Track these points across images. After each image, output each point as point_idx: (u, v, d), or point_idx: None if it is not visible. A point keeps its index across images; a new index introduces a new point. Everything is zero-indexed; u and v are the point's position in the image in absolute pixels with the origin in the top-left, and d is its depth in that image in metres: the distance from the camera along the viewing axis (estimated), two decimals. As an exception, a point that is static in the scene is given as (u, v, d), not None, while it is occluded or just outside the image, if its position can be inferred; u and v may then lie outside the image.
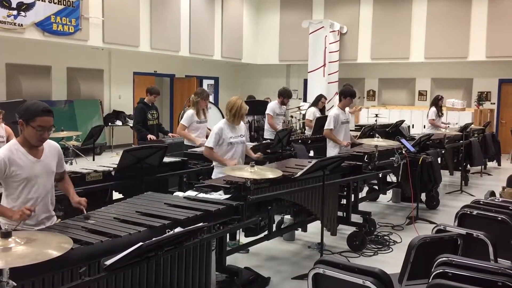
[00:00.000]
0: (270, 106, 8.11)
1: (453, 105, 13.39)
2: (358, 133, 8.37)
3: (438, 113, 9.28)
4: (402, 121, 10.03)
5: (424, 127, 11.01)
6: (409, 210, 6.64)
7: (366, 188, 7.01)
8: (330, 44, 14.24)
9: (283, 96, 8.08)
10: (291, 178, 4.34)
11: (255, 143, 6.74)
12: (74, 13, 10.49)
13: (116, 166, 4.54)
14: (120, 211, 3.20)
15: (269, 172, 4.03)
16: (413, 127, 12.92)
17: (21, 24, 9.55)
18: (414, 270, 2.77)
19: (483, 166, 10.08)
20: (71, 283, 2.37)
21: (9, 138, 5.97)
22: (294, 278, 4.46)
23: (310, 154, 7.74)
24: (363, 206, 6.56)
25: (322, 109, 9.22)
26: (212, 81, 16.69)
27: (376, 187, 6.97)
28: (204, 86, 15.88)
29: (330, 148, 6.54)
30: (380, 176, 6.44)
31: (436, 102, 9.31)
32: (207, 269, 3.11)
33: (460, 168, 8.60)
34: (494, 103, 14.07)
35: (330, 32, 14.24)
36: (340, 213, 5.36)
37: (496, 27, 12.95)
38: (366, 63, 15.01)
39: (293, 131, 8.63)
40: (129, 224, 2.91)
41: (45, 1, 9.89)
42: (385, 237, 5.68)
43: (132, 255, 2.39)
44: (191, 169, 5.46)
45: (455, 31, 13.42)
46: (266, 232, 4.47)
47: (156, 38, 12.61)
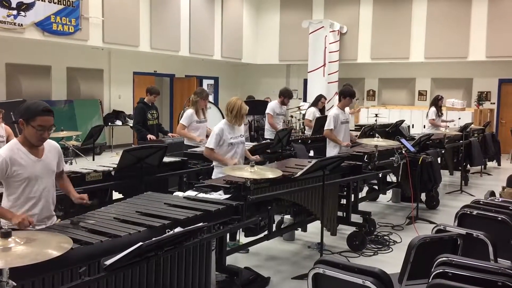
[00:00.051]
0: (270, 106, 8.12)
1: (453, 105, 13.39)
2: (358, 133, 8.37)
3: (438, 113, 9.28)
4: (402, 121, 10.03)
5: (424, 127, 11.00)
6: (409, 210, 6.64)
7: (366, 188, 7.01)
8: (330, 44, 14.24)
9: (284, 96, 8.08)
10: (291, 178, 4.34)
11: (255, 143, 6.74)
12: (74, 13, 10.48)
13: (116, 166, 4.54)
14: (120, 211, 3.20)
15: (269, 172, 4.03)
16: (413, 127, 12.92)
17: (21, 24, 9.55)
18: (414, 270, 2.77)
19: (483, 166, 10.07)
20: (71, 283, 2.36)
21: (9, 138, 5.98)
22: (294, 278, 4.46)
23: (310, 154, 7.75)
24: (363, 206, 6.56)
25: (322, 109, 9.22)
26: (212, 81, 16.69)
27: (376, 187, 6.97)
28: (204, 86, 15.87)
29: (330, 148, 6.54)
30: (380, 176, 6.43)
31: (436, 102, 9.31)
32: (207, 269, 3.11)
33: (460, 168, 8.60)
34: (494, 103, 14.07)
35: (330, 32, 14.24)
36: (340, 213, 5.36)
37: (496, 27, 12.95)
38: (366, 63, 15.01)
39: (294, 131, 8.64)
40: (129, 224, 2.91)
41: (45, 1, 9.89)
42: (385, 237, 5.68)
43: (132, 255, 2.39)
44: (191, 169, 5.46)
45: (455, 31, 13.42)
46: (266, 232, 4.47)
47: (156, 38, 12.61)
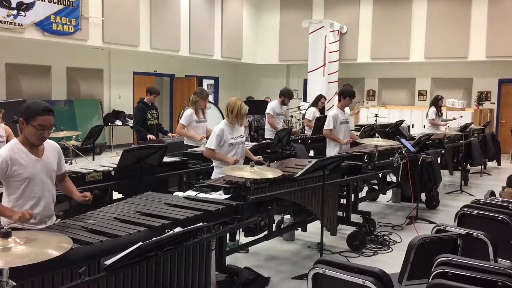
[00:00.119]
0: (271, 106, 8.11)
1: (453, 105, 13.39)
2: (358, 133, 8.38)
3: (438, 113, 9.27)
4: (402, 121, 10.03)
5: (424, 127, 11.01)
6: (409, 210, 6.64)
7: (366, 188, 7.01)
8: (330, 44, 14.24)
9: (285, 96, 8.07)
10: (291, 178, 4.34)
11: (255, 143, 6.74)
12: (74, 13, 10.48)
13: (116, 166, 4.54)
14: (120, 211, 3.20)
15: (269, 172, 4.03)
16: (413, 127, 12.92)
17: (21, 24, 9.55)
18: (414, 270, 2.77)
19: (483, 166, 10.07)
20: (71, 283, 2.36)
21: (9, 138, 5.98)
22: (294, 278, 4.46)
23: (310, 154, 7.75)
24: (363, 206, 6.56)
25: (322, 109, 9.23)
26: (212, 81, 16.69)
27: (376, 187, 6.97)
28: (204, 86, 15.87)
29: (330, 148, 6.54)
30: (380, 176, 6.43)
31: (436, 102, 9.31)
32: (207, 269, 3.11)
33: (460, 168, 8.60)
34: (494, 103, 14.07)
35: (330, 32, 14.24)
36: (340, 213, 5.36)
37: (496, 27, 12.95)
38: (366, 63, 15.01)
39: (295, 130, 8.64)
40: (129, 224, 2.91)
41: (45, 1, 9.89)
42: (385, 237, 5.68)
43: (132, 255, 2.39)
44: (191, 169, 5.46)
45: (455, 31, 13.42)
46: (266, 232, 4.47)
47: (156, 38, 12.61)
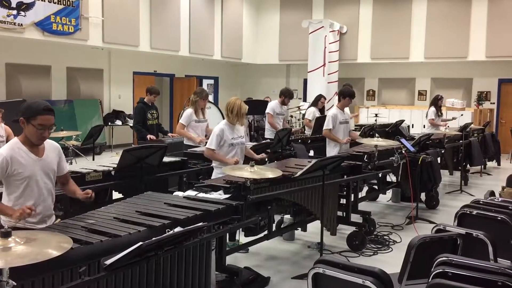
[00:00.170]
0: (270, 105, 8.11)
1: (453, 105, 13.40)
2: (358, 133, 8.37)
3: (438, 113, 9.27)
4: (402, 121, 10.03)
5: (424, 127, 11.01)
6: (409, 210, 6.64)
7: (366, 188, 7.01)
8: (330, 44, 14.24)
9: (285, 96, 8.06)
10: (291, 178, 4.34)
11: (255, 143, 6.74)
12: (74, 13, 10.48)
13: (116, 166, 4.55)
14: (120, 211, 3.20)
15: (269, 172, 4.03)
16: (413, 127, 12.92)
17: (21, 24, 9.54)
18: (414, 270, 2.77)
19: (483, 166, 10.07)
20: (71, 283, 2.37)
21: (9, 138, 5.98)
22: (294, 278, 4.46)
23: (310, 154, 7.75)
24: (363, 206, 6.56)
25: (322, 109, 9.23)
26: (212, 81, 16.68)
27: (376, 187, 6.97)
28: (204, 86, 15.87)
29: (330, 148, 6.54)
30: (380, 176, 6.43)
31: (436, 102, 9.30)
32: (207, 269, 3.11)
33: (460, 168, 8.60)
34: (494, 103, 14.07)
35: (330, 32, 14.24)
36: (340, 213, 5.36)
37: (496, 27, 12.95)
38: (366, 63, 15.01)
39: (295, 131, 8.63)
40: (129, 224, 2.91)
41: (45, 1, 9.89)
42: (385, 237, 5.68)
43: (132, 255, 2.39)
44: (191, 169, 5.46)
45: (455, 31, 13.42)
46: (266, 232, 4.47)
47: (156, 38, 12.61)
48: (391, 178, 7.29)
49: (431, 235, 2.92)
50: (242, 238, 4.64)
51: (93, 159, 7.72)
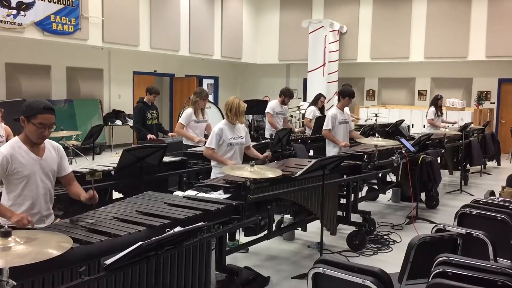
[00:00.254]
0: (270, 105, 8.10)
1: (453, 105, 13.40)
2: (358, 133, 8.36)
3: (437, 113, 9.27)
4: (402, 121, 10.03)
5: (424, 127, 11.01)
6: (409, 210, 6.64)
7: (366, 188, 7.01)
8: (330, 44, 14.24)
9: (285, 95, 8.04)
10: (291, 178, 4.34)
11: (255, 143, 6.74)
12: (74, 13, 10.48)
13: (116, 166, 4.55)
14: (120, 211, 3.20)
15: (269, 172, 4.02)
16: (413, 127, 12.93)
17: (21, 24, 9.54)
18: (414, 270, 2.77)
19: (483, 166, 10.07)
20: (71, 283, 2.37)
21: (9, 138, 5.98)
22: (294, 278, 4.46)
23: (310, 154, 7.74)
24: (363, 206, 6.56)
25: (321, 108, 9.22)
26: (212, 81, 16.68)
27: (376, 187, 6.97)
28: (204, 86, 15.87)
29: (330, 148, 6.54)
30: (380, 176, 6.43)
31: (436, 102, 9.30)
32: (207, 269, 3.11)
33: (460, 168, 8.60)
34: (494, 103, 14.07)
35: (330, 32, 14.24)
36: (340, 213, 5.36)
37: (496, 27, 12.95)
38: (366, 63, 15.01)
39: (298, 131, 8.64)
40: (129, 224, 2.91)
41: (45, 1, 9.88)
42: (385, 237, 5.68)
43: (132, 255, 2.39)
44: (191, 169, 5.46)
45: (455, 31, 13.42)
46: (266, 232, 4.47)
47: (156, 38, 12.61)
48: (391, 178, 7.29)
49: (431, 235, 2.91)
50: (242, 238, 4.64)
51: (93, 159, 7.73)
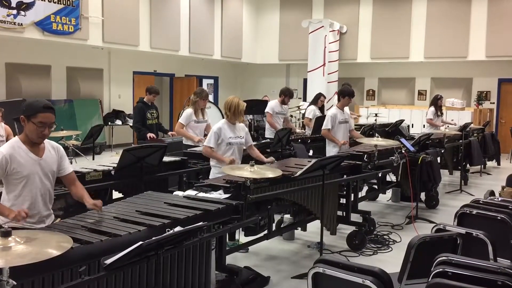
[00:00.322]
0: (270, 105, 8.08)
1: (453, 105, 13.40)
2: (358, 132, 8.36)
3: (437, 113, 9.27)
4: (402, 121, 10.03)
5: (424, 127, 11.01)
6: (409, 210, 6.64)
7: (366, 188, 7.01)
8: (330, 44, 14.24)
9: (285, 95, 8.02)
10: (291, 178, 4.34)
11: (255, 143, 6.73)
12: (74, 13, 10.48)
13: (116, 166, 4.54)
14: (120, 210, 3.20)
15: (269, 172, 4.03)
16: (413, 127, 12.93)
17: (21, 24, 9.54)
18: (414, 270, 2.77)
19: (483, 166, 10.07)
20: (71, 282, 2.37)
21: (9, 138, 5.99)
22: (294, 278, 4.46)
23: (310, 154, 7.74)
24: (363, 206, 6.56)
25: (321, 108, 9.22)
26: (212, 81, 16.68)
27: (376, 187, 6.97)
28: (204, 86, 15.87)
29: (330, 148, 6.55)
30: (380, 176, 6.42)
31: (435, 102, 9.30)
32: (207, 268, 3.11)
33: (460, 168, 8.60)
34: (494, 103, 14.07)
35: (330, 32, 14.24)
36: (340, 213, 5.36)
37: (496, 27, 12.95)
38: (366, 63, 15.01)
39: (300, 132, 8.63)
40: (129, 223, 2.91)
41: (45, 1, 9.88)
42: (385, 237, 5.68)
43: (132, 254, 2.39)
44: (191, 169, 5.46)
45: (455, 31, 13.42)
46: (266, 232, 4.47)
47: (156, 38, 12.61)
48: (391, 178, 7.29)
49: (431, 235, 2.92)
50: (242, 238, 4.64)
51: (93, 159, 7.74)
